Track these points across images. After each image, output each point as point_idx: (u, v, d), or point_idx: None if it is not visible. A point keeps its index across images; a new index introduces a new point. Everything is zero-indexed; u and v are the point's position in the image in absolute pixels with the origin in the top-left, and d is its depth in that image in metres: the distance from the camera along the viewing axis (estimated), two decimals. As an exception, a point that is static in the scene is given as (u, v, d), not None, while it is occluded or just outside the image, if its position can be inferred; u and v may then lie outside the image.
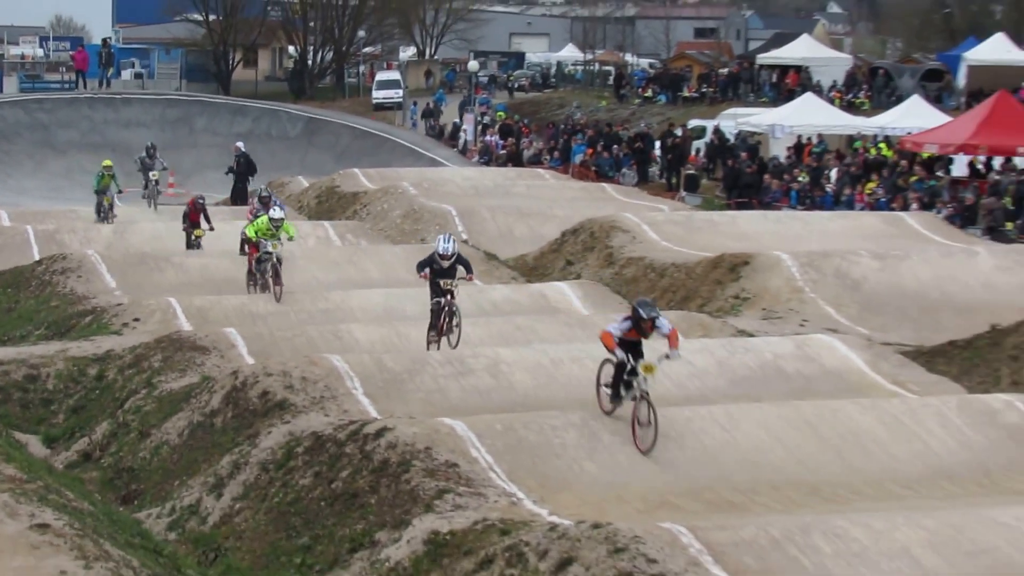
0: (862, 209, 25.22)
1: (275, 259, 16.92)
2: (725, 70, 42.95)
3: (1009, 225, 22.47)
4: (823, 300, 17.67)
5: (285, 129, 41.79)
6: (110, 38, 51.22)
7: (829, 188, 26.73)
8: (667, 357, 10.19)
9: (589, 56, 53.41)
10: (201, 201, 21.26)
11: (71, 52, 46.60)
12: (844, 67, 40.13)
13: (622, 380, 10.48)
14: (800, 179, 27.43)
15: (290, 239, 17.63)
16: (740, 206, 26.60)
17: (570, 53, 56.49)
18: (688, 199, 28.99)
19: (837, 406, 11.52)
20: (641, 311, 10.23)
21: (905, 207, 24.18)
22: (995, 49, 37.28)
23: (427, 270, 13.24)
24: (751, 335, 15.26)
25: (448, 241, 13.38)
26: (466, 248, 17.94)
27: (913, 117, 29.64)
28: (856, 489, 10.13)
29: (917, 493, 10.08)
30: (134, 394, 13.20)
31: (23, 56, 48.39)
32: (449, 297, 13.53)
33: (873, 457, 10.62)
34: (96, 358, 14.48)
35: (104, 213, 23.45)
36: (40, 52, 48.64)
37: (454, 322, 13.60)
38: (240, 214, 23.25)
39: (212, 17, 48.17)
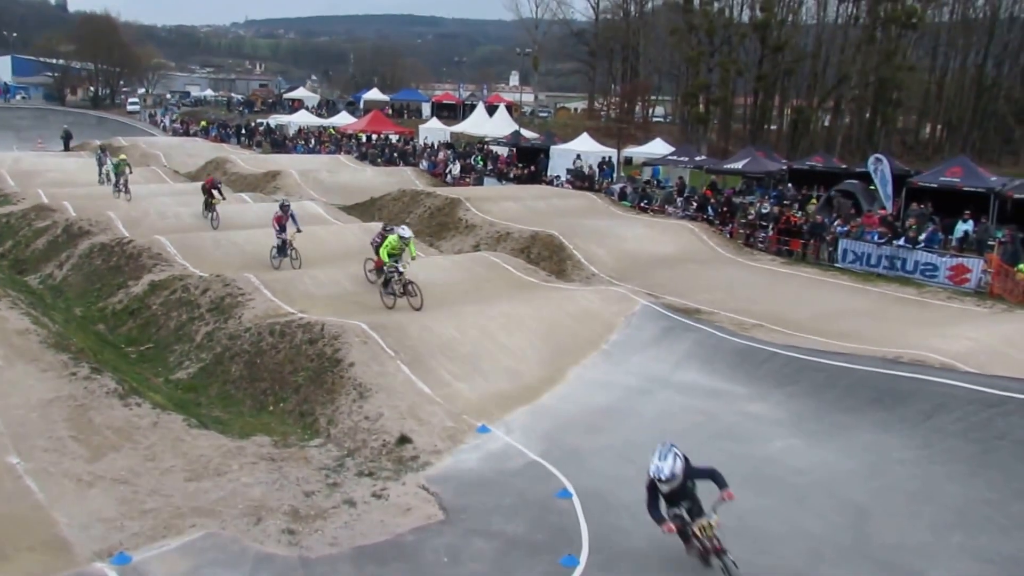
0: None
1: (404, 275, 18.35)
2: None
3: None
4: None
5: (90, 121, 69.61)
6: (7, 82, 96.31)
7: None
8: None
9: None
10: (219, 183, 29.86)
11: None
12: None
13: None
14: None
15: (412, 259, 18.93)
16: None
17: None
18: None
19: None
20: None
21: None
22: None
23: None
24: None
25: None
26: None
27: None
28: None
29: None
30: (25, 228, 25.77)
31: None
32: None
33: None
34: (5, 214, 27.01)
35: (120, 188, 30.19)
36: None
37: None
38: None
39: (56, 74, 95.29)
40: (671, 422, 13.70)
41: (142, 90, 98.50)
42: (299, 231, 22.22)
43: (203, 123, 66.77)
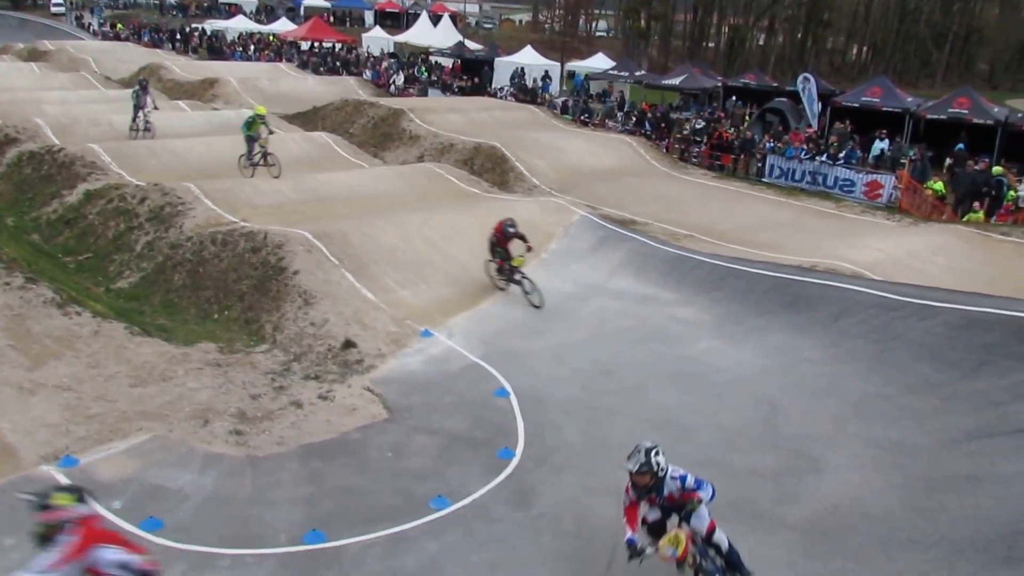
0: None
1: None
2: None
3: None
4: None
5: (10, 23, 62.40)
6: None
7: None
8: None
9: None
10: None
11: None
12: None
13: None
14: None
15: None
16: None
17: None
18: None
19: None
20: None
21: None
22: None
23: None
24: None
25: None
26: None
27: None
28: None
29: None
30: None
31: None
32: None
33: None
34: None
35: (256, 159, 21.65)
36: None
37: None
38: None
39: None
40: (605, 326, 14.46)
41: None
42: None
43: (118, 26, 64.16)
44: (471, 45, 50.25)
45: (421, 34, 55.06)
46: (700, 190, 25.00)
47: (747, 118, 33.00)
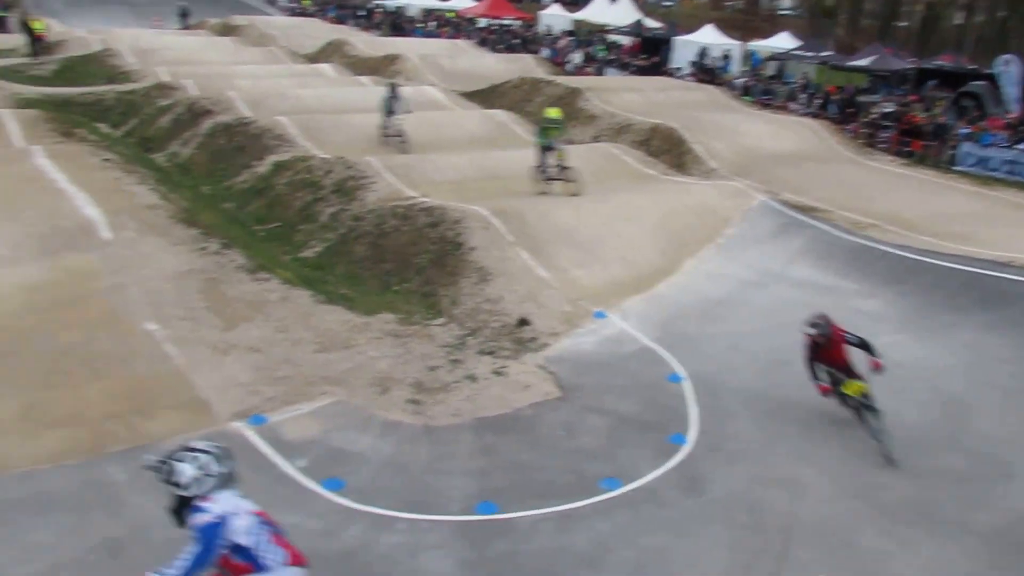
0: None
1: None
2: None
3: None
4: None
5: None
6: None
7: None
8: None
9: None
10: None
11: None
12: None
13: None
14: None
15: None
16: None
17: None
18: None
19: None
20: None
21: None
22: None
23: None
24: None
25: None
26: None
27: None
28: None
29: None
30: (149, 106, 26.57)
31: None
32: None
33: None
34: (129, 91, 27.88)
35: (551, 172, 18.47)
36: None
37: None
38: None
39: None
40: (782, 315, 13.84)
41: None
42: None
43: (305, 2, 66.00)
44: (650, 23, 49.35)
45: (599, 12, 54.43)
46: (886, 177, 23.68)
47: (941, 102, 30.99)
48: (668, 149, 24.16)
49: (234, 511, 5.54)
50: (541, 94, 29.87)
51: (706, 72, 38.26)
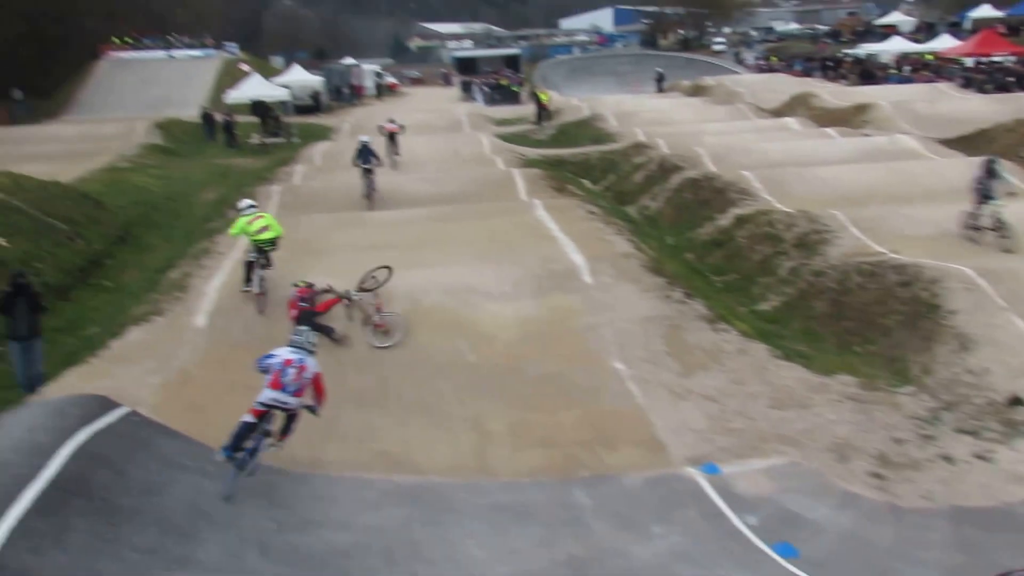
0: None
1: None
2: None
3: None
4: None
5: (679, 63, 61.50)
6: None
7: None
8: None
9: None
10: None
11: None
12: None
13: None
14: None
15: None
16: None
17: None
18: None
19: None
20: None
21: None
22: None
23: None
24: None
25: None
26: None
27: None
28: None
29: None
30: (625, 164, 28.15)
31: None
32: None
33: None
34: (610, 151, 30.04)
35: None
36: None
37: None
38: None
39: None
40: None
41: (728, 29, 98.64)
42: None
43: (772, 58, 65.83)
44: None
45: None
46: None
47: None
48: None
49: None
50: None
51: None
